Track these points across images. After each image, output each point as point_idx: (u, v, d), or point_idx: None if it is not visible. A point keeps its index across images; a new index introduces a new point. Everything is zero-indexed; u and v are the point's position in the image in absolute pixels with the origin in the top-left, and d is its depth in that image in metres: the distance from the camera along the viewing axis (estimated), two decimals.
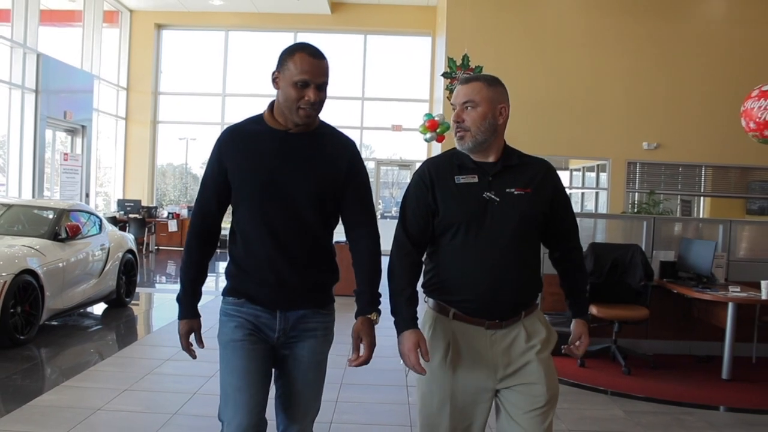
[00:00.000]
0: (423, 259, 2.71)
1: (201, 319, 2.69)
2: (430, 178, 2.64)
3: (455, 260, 2.58)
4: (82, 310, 8.33)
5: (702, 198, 16.37)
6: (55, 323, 7.68)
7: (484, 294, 2.54)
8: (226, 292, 2.67)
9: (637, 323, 6.61)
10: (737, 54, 14.49)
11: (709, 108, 14.34)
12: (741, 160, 14.81)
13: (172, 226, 17.52)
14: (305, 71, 2.49)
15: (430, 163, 2.73)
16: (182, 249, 2.62)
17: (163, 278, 13.21)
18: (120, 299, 8.80)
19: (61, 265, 7.36)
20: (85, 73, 16.08)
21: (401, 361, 2.56)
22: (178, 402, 4.98)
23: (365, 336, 2.57)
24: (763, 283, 6.21)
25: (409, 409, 5.06)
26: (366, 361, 2.56)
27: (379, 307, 2.62)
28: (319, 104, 2.55)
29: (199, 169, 21.11)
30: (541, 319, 2.69)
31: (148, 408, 4.94)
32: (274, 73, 2.58)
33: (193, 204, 18.63)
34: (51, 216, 7.96)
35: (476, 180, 2.60)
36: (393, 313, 2.59)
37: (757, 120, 7.40)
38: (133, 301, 9.35)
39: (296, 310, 2.62)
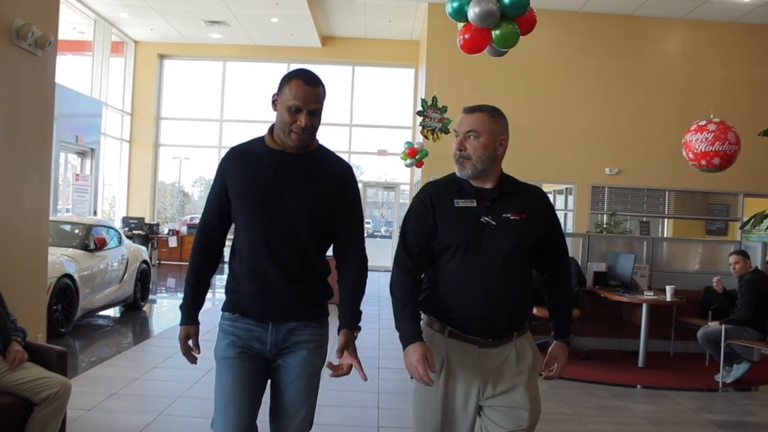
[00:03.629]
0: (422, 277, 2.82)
1: (200, 326, 2.86)
2: (431, 201, 2.73)
3: (452, 280, 2.67)
4: (101, 313, 9.64)
5: (666, 219, 17.71)
6: (83, 323, 8.96)
7: (478, 313, 2.62)
8: (224, 307, 2.80)
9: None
10: (689, 89, 15.89)
11: (665, 137, 15.54)
12: (701, 185, 16.07)
13: (172, 242, 18.75)
14: (298, 97, 2.61)
15: (432, 186, 2.82)
16: (181, 263, 2.71)
17: (163, 289, 14.47)
18: (136, 303, 10.14)
19: (91, 271, 8.69)
20: (94, 100, 17.38)
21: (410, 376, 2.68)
22: (198, 375, 6.27)
23: (348, 349, 2.71)
24: (667, 287, 7.62)
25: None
26: (347, 373, 2.72)
27: (360, 323, 2.78)
28: (311, 129, 2.66)
29: (191, 187, 22.44)
30: (530, 342, 2.78)
31: (174, 378, 6.30)
32: (274, 95, 2.71)
33: (189, 221, 19.82)
34: (77, 230, 9.30)
35: (474, 204, 2.69)
36: (397, 327, 2.69)
37: (695, 151, 8.61)
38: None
39: (287, 323, 2.70)
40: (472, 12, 5.69)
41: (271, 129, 2.76)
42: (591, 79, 16.22)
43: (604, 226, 15.77)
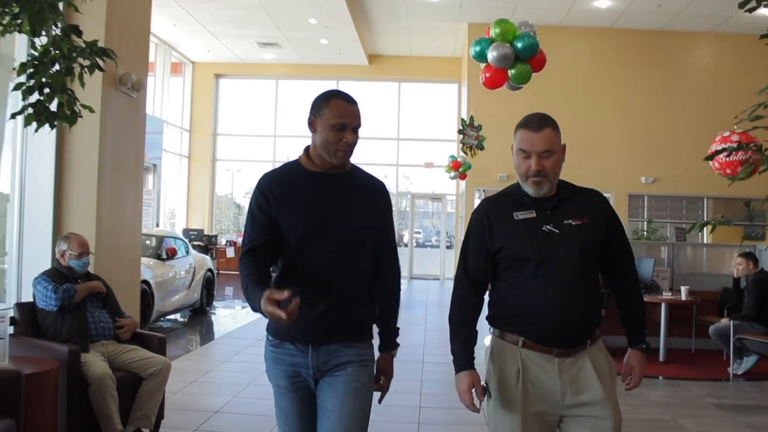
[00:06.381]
0: (486, 293, 2.81)
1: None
2: (488, 219, 2.71)
3: (522, 292, 2.63)
4: (170, 317, 10.68)
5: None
6: (155, 325, 9.97)
7: (552, 324, 2.57)
8: (267, 328, 2.76)
9: None
10: (719, 98, 16.35)
11: (699, 146, 15.94)
12: (737, 192, 16.47)
13: (230, 252, 19.78)
14: (343, 115, 2.61)
15: (488, 203, 2.81)
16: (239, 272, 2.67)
17: (223, 297, 15.49)
18: (202, 308, 11.18)
19: (164, 278, 9.71)
20: (156, 118, 18.40)
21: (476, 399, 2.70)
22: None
23: (386, 372, 2.88)
24: (682, 288, 8.36)
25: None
26: (385, 390, 2.92)
27: (398, 339, 2.91)
28: (354, 146, 2.67)
29: (242, 199, 23.41)
30: (602, 348, 2.73)
31: (244, 370, 7.27)
32: (310, 117, 2.67)
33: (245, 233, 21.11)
34: (148, 242, 10.31)
35: (534, 215, 2.65)
36: (452, 352, 2.74)
37: (720, 161, 9.33)
38: (210, 310, 11.70)
39: (327, 345, 2.66)
40: (491, 56, 6.73)
41: (306, 150, 2.76)
42: (625, 91, 16.85)
43: (643, 233, 16.37)
